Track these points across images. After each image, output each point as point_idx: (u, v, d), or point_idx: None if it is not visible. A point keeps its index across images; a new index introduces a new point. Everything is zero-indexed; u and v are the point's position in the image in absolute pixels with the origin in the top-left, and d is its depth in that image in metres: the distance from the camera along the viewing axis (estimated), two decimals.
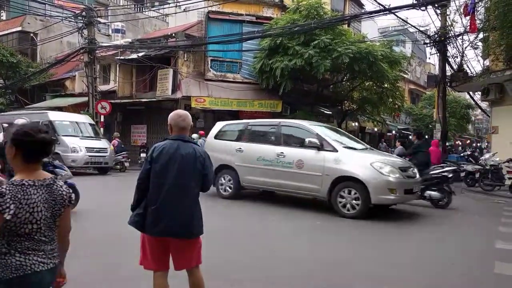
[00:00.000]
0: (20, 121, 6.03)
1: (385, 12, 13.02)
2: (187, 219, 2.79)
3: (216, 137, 9.43)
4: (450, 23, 14.56)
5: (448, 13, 14.39)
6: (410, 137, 20.08)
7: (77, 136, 13.82)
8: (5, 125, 6.75)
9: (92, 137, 14.49)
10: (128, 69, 18.99)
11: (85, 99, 17.46)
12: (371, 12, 13.73)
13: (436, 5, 13.94)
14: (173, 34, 17.89)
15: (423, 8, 12.97)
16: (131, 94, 18.99)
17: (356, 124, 24.75)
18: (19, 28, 22.71)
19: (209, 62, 17.76)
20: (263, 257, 4.71)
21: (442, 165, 9.55)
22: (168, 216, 2.73)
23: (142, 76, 18.32)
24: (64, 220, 1.99)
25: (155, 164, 2.77)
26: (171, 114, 2.97)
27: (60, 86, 21.78)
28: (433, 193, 8.43)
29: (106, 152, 14.17)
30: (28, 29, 22.68)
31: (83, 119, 15.35)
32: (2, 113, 16.16)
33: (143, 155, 16.47)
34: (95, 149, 13.79)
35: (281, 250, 5.07)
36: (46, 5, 21.89)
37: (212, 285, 3.29)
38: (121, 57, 18.23)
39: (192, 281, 2.95)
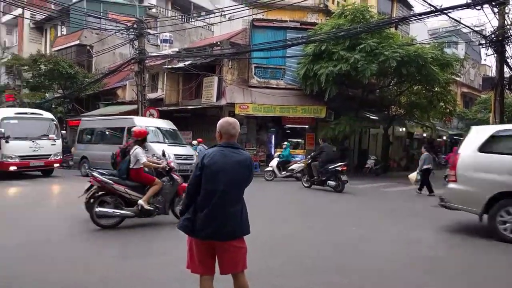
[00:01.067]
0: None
1: (436, 13, 12.42)
2: (235, 221, 2.85)
3: (483, 149, 6.30)
4: (509, 22, 13.60)
5: (507, 11, 13.44)
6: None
7: (163, 143, 13.20)
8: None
9: (177, 143, 14.06)
10: (175, 77, 19.67)
11: (135, 106, 18.24)
12: (420, 14, 13.12)
13: (494, 4, 13.08)
14: (218, 43, 18.29)
15: (478, 7, 12.21)
16: (178, 101, 19.63)
17: (404, 129, 23.81)
18: (77, 42, 24.34)
19: (253, 69, 17.95)
20: None
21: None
22: (217, 221, 2.78)
23: (188, 84, 18.89)
24: None
25: (205, 171, 2.81)
26: (221, 122, 3.01)
27: (112, 94, 23.00)
28: (331, 182, 11.53)
29: (192, 160, 13.32)
30: (85, 42, 24.26)
31: (165, 124, 14.86)
32: (84, 119, 17.27)
33: None
34: (182, 157, 13.16)
35: None
36: (101, 19, 23.26)
37: None
38: (169, 66, 18.93)
39: (237, 286, 2.96)
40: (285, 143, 15.63)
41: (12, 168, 13.35)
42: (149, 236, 6.01)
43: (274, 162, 14.62)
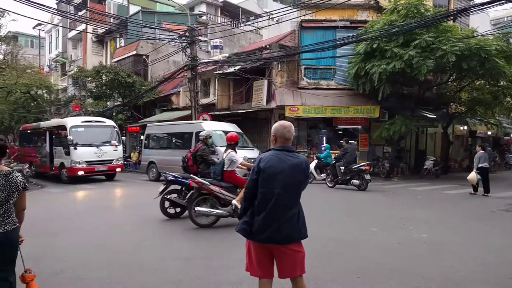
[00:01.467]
0: (203, 132, 8.14)
1: (500, 2, 11.52)
2: (293, 226, 2.85)
3: None
4: None
5: None
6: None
7: None
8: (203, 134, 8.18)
9: (245, 146, 14.03)
10: (226, 82, 20.11)
11: (189, 112, 18.90)
12: (482, 4, 12.22)
13: None
14: (267, 46, 18.42)
15: None
16: (229, 105, 20.04)
17: (465, 127, 22.36)
18: (134, 52, 25.73)
19: (303, 71, 17.86)
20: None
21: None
22: (274, 224, 2.80)
23: (239, 88, 19.22)
24: (20, 200, 3.17)
25: (262, 174, 2.85)
26: (276, 125, 3.04)
27: (167, 101, 24.00)
28: (355, 181, 12.11)
29: None
30: (141, 52, 25.58)
31: (231, 128, 14.82)
32: (150, 125, 17.85)
33: None
34: (252, 160, 13.35)
35: None
36: (156, 29, 24.41)
37: None
38: (220, 71, 19.39)
39: None
40: (324, 145, 15.31)
41: (80, 172, 14.43)
42: (209, 236, 6.21)
43: (312, 165, 14.06)
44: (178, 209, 7.80)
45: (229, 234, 6.43)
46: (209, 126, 13.96)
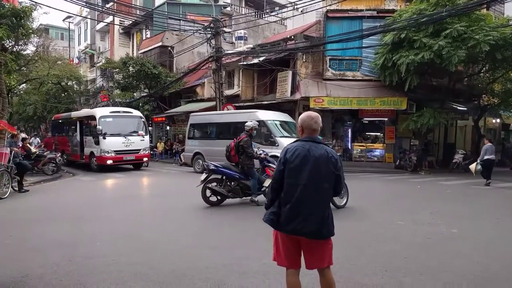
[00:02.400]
0: (250, 123, 8.28)
1: None
2: (319, 219, 2.83)
3: None
4: None
5: None
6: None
7: (291, 137, 12.76)
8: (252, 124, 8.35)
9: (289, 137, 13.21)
10: (250, 73, 20.10)
11: (213, 103, 19.06)
12: None
13: None
14: (292, 37, 18.25)
15: None
16: (253, 97, 20.05)
17: (498, 120, 21.55)
18: (160, 44, 26.07)
19: (328, 62, 17.62)
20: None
21: None
22: (300, 215, 2.80)
23: (263, 80, 19.18)
24: None
25: (289, 165, 2.85)
26: (302, 116, 3.04)
27: (192, 92, 24.26)
28: None
29: None
30: (166, 44, 25.89)
31: (284, 117, 14.57)
32: (194, 114, 17.04)
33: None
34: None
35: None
36: (181, 21, 24.61)
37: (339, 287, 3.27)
38: (244, 63, 19.40)
39: (323, 282, 2.99)
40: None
41: (109, 161, 14.88)
42: (234, 226, 6.31)
43: None
44: (218, 197, 8.09)
45: (253, 224, 6.51)
46: (265, 116, 13.82)
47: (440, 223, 6.67)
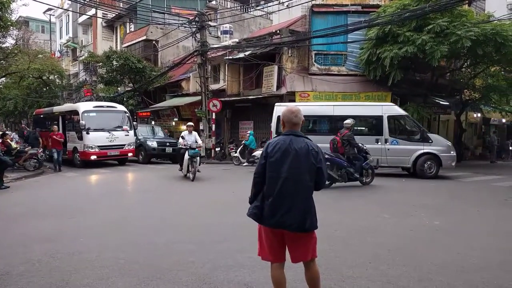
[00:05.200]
0: (349, 121, 9.92)
1: None
2: (301, 212, 2.84)
3: None
4: None
5: None
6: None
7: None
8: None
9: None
10: (236, 68, 20.02)
11: (199, 98, 18.94)
12: None
13: None
14: (278, 31, 18.23)
15: None
16: (239, 91, 20.00)
17: (479, 115, 22.03)
18: (144, 37, 25.68)
19: (313, 56, 17.68)
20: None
21: None
22: (282, 208, 2.82)
23: (249, 74, 19.13)
24: None
25: (270, 159, 2.88)
26: (283, 110, 3.06)
27: (177, 87, 24.03)
28: None
29: None
30: (151, 38, 25.53)
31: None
32: (279, 104, 14.21)
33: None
34: None
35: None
36: (166, 14, 24.28)
37: (324, 278, 3.30)
38: (230, 57, 19.30)
39: (308, 275, 3.02)
40: (249, 131, 16.84)
41: (93, 157, 14.66)
42: (221, 221, 6.31)
43: (238, 150, 16.60)
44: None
45: (240, 218, 6.53)
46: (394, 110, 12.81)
47: (423, 215, 6.80)
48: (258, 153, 13.97)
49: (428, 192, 9.58)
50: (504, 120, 23.57)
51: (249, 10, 28.14)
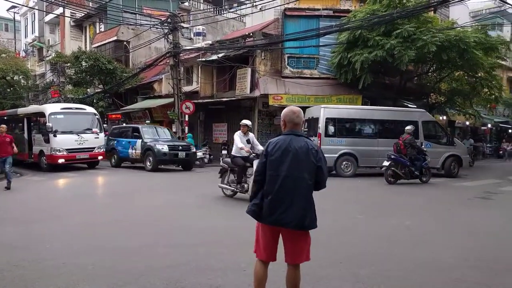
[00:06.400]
0: (411, 127, 11.47)
1: None
2: (300, 210, 2.85)
3: None
4: None
5: None
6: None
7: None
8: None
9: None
10: (209, 70, 19.93)
11: (171, 100, 18.69)
12: None
13: None
14: (251, 34, 18.30)
15: None
16: (212, 94, 19.91)
17: (445, 117, 22.90)
18: (114, 38, 25.11)
19: (286, 59, 17.86)
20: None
21: None
22: (282, 206, 2.84)
23: (222, 76, 19.09)
24: None
25: (270, 158, 2.92)
26: (285, 110, 3.10)
27: (149, 88, 23.63)
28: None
29: None
30: (122, 38, 24.99)
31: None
32: (325, 106, 13.82)
33: (224, 152, 17.31)
34: None
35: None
36: (137, 15, 23.84)
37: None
38: (203, 59, 19.19)
39: (290, 277, 2.99)
40: (188, 133, 17.45)
41: (60, 160, 14.16)
42: (195, 224, 6.25)
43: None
44: (392, 179, 11.08)
45: (213, 222, 6.49)
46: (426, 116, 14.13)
47: (396, 215, 7.00)
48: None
49: (400, 192, 9.88)
50: (467, 123, 24.64)
51: (222, 12, 28.11)
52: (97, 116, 15.90)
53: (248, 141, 8.08)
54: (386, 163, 11.06)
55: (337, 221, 6.36)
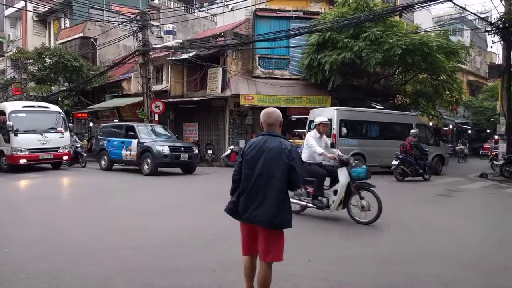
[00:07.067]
0: (415, 130, 12.03)
1: (441, 0, 12.33)
2: (272, 208, 2.89)
3: None
4: None
5: None
6: None
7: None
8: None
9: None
10: (180, 69, 19.69)
11: (140, 99, 18.33)
12: (425, 1, 13.02)
13: None
14: (222, 33, 18.24)
15: None
16: (183, 93, 19.68)
17: None
18: (81, 34, 24.33)
19: (257, 60, 17.93)
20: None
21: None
22: (254, 203, 2.92)
23: (193, 76, 18.90)
24: None
25: (245, 157, 3.04)
26: (261, 113, 3.23)
27: (117, 87, 23.06)
28: None
29: None
30: (88, 35, 24.24)
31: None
32: (340, 108, 14.31)
33: (209, 151, 17.42)
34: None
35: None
36: (104, 11, 23.21)
37: None
38: (173, 58, 18.93)
39: (260, 275, 3.02)
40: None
41: (22, 161, 13.56)
42: (159, 225, 6.15)
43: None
44: (400, 177, 12.06)
45: (182, 222, 6.43)
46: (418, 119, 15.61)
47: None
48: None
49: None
50: (431, 124, 25.64)
51: (193, 11, 27.86)
52: (62, 115, 15.35)
53: (326, 146, 6.59)
54: (395, 162, 12.08)
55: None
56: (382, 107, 18.78)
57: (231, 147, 16.49)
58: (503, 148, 14.41)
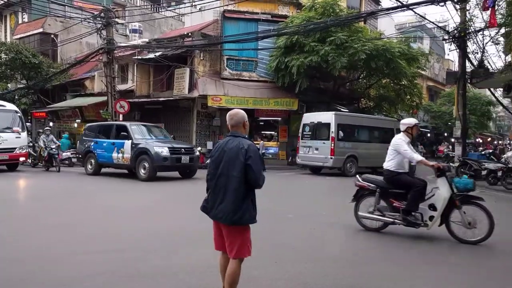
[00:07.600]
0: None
1: (402, 9, 12.84)
2: (231, 205, 2.99)
3: None
4: (469, 18, 14.25)
5: (467, 8, 14.08)
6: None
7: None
8: None
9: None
10: (146, 68, 19.28)
11: (104, 98, 17.76)
12: (388, 9, 13.55)
13: (455, 0, 13.67)
14: (189, 34, 18.05)
15: (441, 3, 12.69)
16: (149, 93, 19.28)
17: None
18: (40, 30, 23.27)
19: (225, 61, 17.89)
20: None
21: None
22: (217, 201, 3.08)
23: (160, 76, 18.57)
24: None
25: (211, 158, 3.23)
26: (226, 115, 3.34)
27: (80, 86, 22.24)
28: None
29: None
30: (49, 31, 23.23)
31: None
32: (337, 113, 15.27)
33: None
34: None
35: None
36: (66, 6, 22.33)
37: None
38: (139, 57, 18.51)
39: (228, 269, 3.09)
40: (64, 134, 18.03)
41: None
42: (124, 229, 5.97)
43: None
44: None
45: (144, 225, 6.28)
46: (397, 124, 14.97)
47: (324, 213, 7.32)
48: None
49: (328, 191, 10.34)
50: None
51: (160, 10, 27.38)
52: (18, 114, 14.60)
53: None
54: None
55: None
56: (347, 110, 19.28)
57: (199, 148, 16.31)
58: (458, 151, 15.17)
